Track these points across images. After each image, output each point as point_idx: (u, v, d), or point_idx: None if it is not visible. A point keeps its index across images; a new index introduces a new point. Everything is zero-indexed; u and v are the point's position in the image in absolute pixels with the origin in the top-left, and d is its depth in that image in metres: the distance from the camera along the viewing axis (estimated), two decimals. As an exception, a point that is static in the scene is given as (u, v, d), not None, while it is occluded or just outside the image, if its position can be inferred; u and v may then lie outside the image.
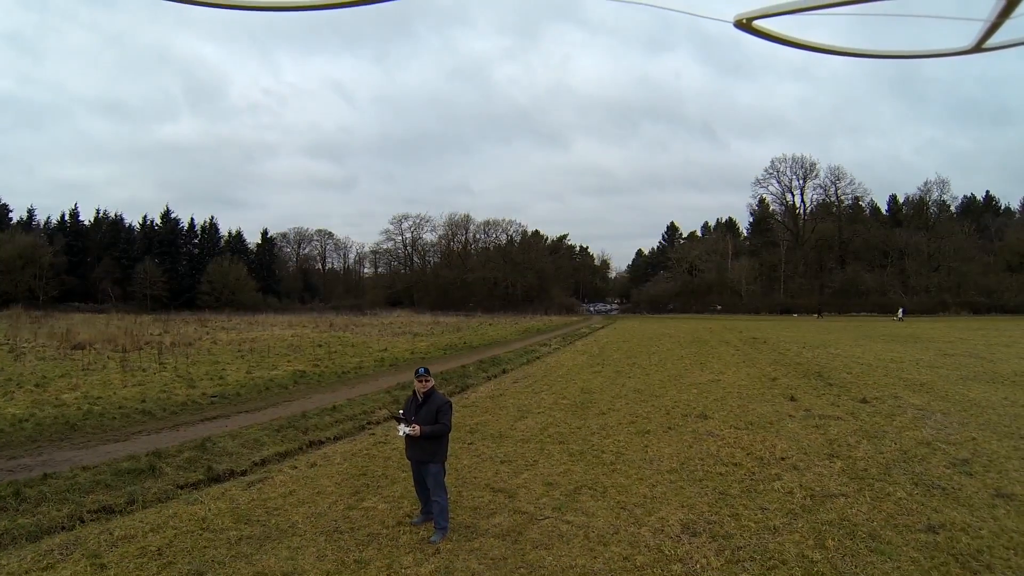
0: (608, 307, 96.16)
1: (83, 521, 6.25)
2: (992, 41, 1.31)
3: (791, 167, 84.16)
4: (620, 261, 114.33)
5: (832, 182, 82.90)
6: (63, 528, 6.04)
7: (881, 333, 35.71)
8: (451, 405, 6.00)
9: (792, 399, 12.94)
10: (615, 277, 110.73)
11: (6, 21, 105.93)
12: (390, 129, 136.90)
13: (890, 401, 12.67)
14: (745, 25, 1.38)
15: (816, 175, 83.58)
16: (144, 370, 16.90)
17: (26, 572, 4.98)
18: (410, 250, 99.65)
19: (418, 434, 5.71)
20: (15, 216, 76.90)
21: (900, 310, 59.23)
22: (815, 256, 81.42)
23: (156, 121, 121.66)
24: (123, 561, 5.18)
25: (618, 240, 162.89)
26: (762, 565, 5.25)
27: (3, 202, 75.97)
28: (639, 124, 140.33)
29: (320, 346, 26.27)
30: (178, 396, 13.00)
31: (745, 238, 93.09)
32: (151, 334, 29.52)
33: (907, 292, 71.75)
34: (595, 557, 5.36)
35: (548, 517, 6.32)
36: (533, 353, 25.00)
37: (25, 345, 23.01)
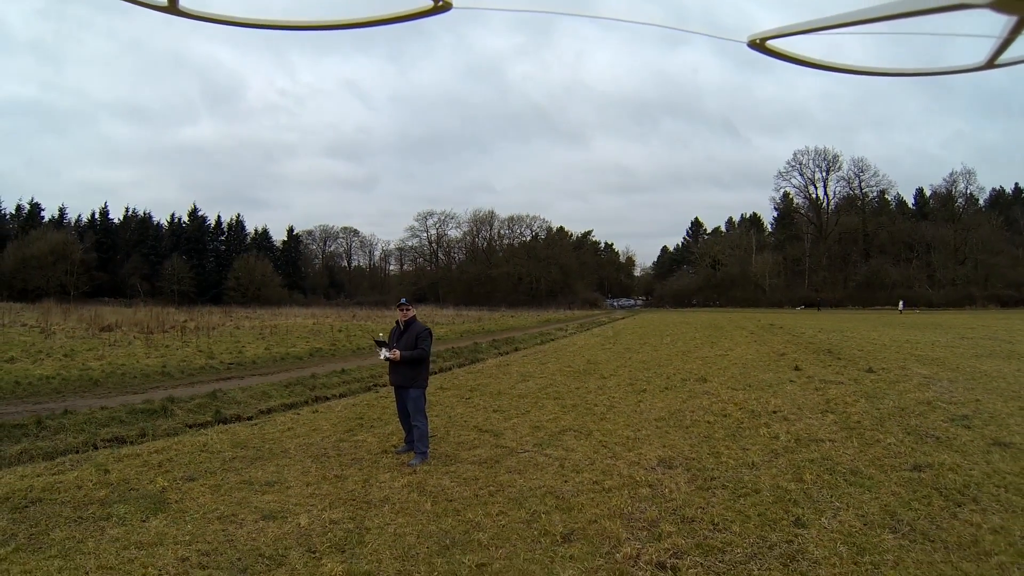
0: (632, 302, 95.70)
1: (96, 447, 6.70)
2: (1004, 57, 1.31)
3: (814, 159, 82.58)
4: (645, 259, 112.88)
5: (856, 174, 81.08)
6: (77, 451, 6.49)
7: (900, 321, 35.12)
8: (430, 332, 6.28)
9: (796, 368, 12.92)
10: (640, 275, 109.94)
11: (27, 30, 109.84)
12: (408, 128, 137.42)
13: (897, 371, 12.53)
14: (759, 45, 1.40)
15: (839, 167, 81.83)
16: (167, 346, 17.55)
17: (38, 476, 5.41)
18: (435, 247, 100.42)
19: (398, 359, 6.00)
20: (47, 215, 79.65)
21: (900, 302, 58.21)
22: (839, 249, 79.79)
23: (177, 124, 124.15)
24: (125, 469, 5.60)
25: (643, 239, 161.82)
26: (733, 493, 5.30)
27: (35, 201, 78.81)
28: (659, 121, 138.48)
29: (340, 331, 26.82)
30: (197, 363, 13.55)
31: (769, 233, 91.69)
32: (176, 320, 30.44)
33: (933, 285, 69.86)
34: (566, 481, 5.54)
35: (527, 451, 6.54)
36: (548, 336, 25.22)
37: (55, 327, 23.97)
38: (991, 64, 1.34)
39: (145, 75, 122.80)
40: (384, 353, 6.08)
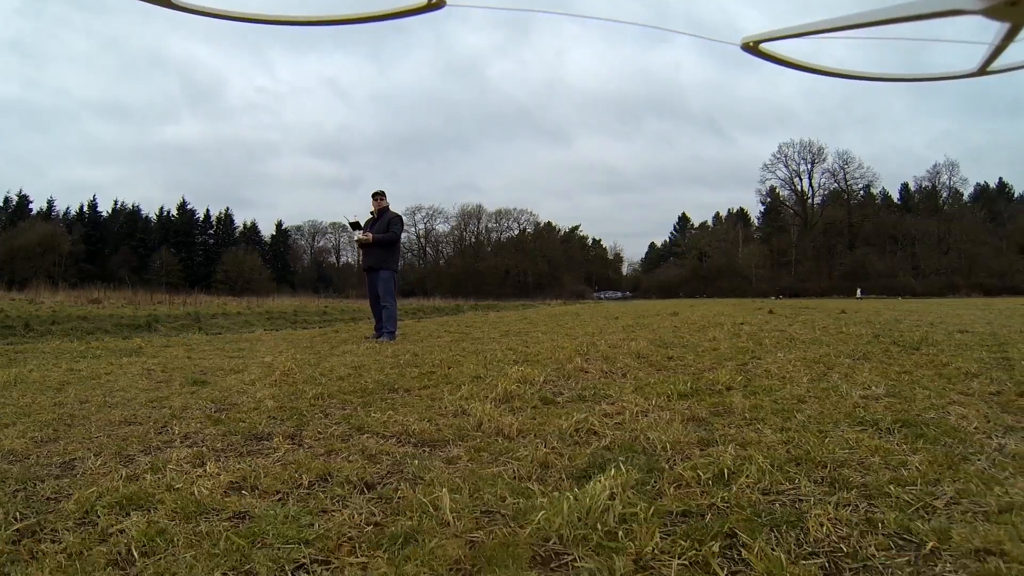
0: (618, 294, 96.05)
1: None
2: (996, 64, 1.29)
3: (799, 152, 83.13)
4: (633, 258, 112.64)
5: (840, 167, 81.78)
6: (57, 343, 6.66)
7: (884, 302, 35.78)
8: (402, 219, 6.51)
9: (770, 312, 13.21)
10: (628, 273, 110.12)
11: (5, 29, 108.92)
12: (390, 127, 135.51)
13: (870, 313, 12.87)
14: (752, 48, 1.36)
15: (824, 160, 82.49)
16: (155, 309, 17.66)
17: (24, 344, 5.59)
18: (423, 242, 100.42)
19: (370, 240, 6.21)
20: (35, 207, 78.95)
21: (859, 290, 59.44)
22: (824, 241, 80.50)
23: (159, 123, 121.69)
24: (105, 344, 5.79)
25: (630, 239, 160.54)
26: (692, 351, 5.47)
27: (24, 193, 78.12)
28: (642, 119, 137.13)
29: (326, 309, 26.95)
30: (183, 314, 13.69)
31: (756, 228, 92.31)
32: (163, 298, 30.46)
33: (917, 275, 70.70)
34: (527, 348, 5.78)
35: (494, 339, 6.76)
36: (531, 307, 25.49)
37: (43, 301, 23.96)
38: (983, 71, 1.33)
39: (125, 73, 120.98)
40: (357, 234, 6.29)
